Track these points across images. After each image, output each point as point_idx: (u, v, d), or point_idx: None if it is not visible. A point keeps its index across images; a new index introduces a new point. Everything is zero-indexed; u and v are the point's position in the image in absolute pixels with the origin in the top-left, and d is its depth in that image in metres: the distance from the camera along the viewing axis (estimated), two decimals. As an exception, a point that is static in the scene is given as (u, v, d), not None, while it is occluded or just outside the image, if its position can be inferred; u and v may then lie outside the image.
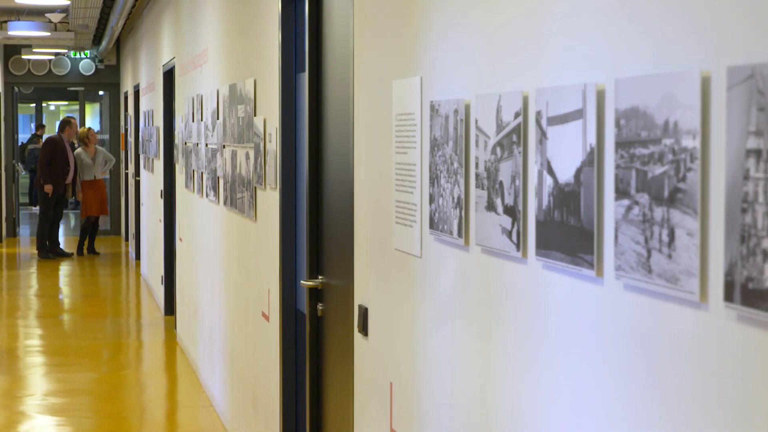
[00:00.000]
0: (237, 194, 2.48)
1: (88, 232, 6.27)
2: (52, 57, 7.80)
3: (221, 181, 2.73)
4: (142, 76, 5.80)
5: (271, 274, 2.12)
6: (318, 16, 1.72)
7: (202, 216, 3.18)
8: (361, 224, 1.44)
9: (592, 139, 0.80)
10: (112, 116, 8.36)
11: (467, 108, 1.03)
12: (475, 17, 1.03)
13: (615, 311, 0.78)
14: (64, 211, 6.85)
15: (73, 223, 8.36)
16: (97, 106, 10.54)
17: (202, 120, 3.13)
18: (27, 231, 8.09)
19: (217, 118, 2.77)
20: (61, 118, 6.87)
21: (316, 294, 1.74)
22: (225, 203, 2.68)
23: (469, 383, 1.05)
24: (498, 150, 0.96)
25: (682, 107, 0.69)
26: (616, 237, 0.76)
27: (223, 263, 2.74)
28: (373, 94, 1.37)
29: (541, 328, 0.90)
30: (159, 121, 4.63)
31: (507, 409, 0.96)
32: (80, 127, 6.86)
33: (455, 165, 1.06)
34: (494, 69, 0.98)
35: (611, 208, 0.77)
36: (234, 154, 2.53)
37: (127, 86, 6.95)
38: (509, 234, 0.94)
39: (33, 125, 10.89)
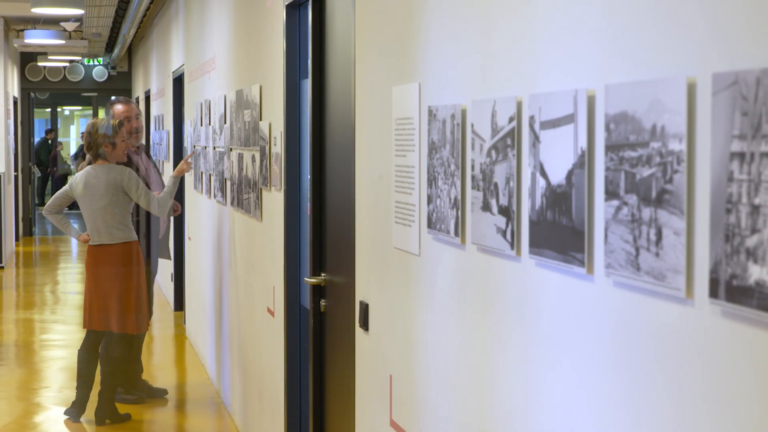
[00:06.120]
0: (243, 195, 2.52)
1: None
2: (67, 64, 7.90)
3: (228, 183, 2.77)
4: (152, 82, 5.88)
5: (276, 271, 2.15)
6: (321, 25, 1.74)
7: (210, 216, 3.23)
8: (362, 224, 1.45)
9: (582, 142, 0.82)
10: (124, 120, 8.41)
11: (463, 113, 1.05)
12: (471, 26, 1.05)
13: (605, 307, 0.79)
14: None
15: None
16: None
17: (210, 124, 3.18)
18: (41, 230, 8.22)
19: (225, 123, 2.82)
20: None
21: (319, 291, 1.76)
22: (232, 204, 2.72)
23: (465, 376, 1.07)
24: (493, 153, 0.98)
25: (669, 112, 0.70)
26: (605, 236, 0.78)
27: (230, 261, 2.78)
28: (374, 100, 1.39)
29: (534, 323, 0.91)
30: (169, 125, 4.70)
31: (501, 400, 0.98)
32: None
33: (452, 167, 1.07)
34: (489, 76, 1.00)
35: (601, 208, 0.79)
36: (240, 157, 2.58)
37: (139, 92, 7.04)
38: (504, 233, 0.96)
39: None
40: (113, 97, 3.53)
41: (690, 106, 0.69)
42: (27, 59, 7.89)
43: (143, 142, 3.15)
